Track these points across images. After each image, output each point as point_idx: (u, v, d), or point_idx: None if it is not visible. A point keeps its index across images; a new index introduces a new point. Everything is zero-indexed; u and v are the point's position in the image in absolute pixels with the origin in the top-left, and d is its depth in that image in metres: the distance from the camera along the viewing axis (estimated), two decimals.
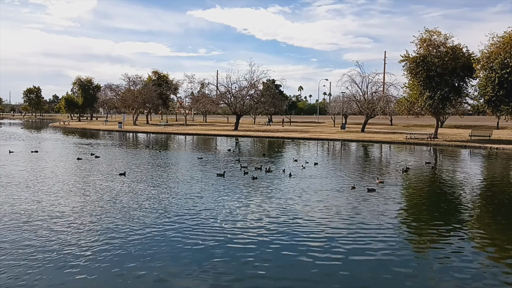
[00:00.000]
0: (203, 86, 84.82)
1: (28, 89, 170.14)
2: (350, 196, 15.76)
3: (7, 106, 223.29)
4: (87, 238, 10.13)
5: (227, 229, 11.16)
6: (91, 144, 41.11)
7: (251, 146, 42.34)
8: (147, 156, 29.62)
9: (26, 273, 8.03)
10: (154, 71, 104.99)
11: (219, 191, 16.22)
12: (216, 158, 28.78)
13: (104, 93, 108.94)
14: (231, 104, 70.70)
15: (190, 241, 10.06)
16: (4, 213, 12.35)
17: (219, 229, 11.10)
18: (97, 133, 63.86)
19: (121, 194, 15.46)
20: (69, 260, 8.72)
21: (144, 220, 11.84)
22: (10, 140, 44.62)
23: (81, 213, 12.50)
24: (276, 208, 13.55)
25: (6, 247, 9.43)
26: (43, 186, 16.87)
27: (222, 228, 11.20)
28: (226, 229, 11.12)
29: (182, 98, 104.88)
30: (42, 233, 10.48)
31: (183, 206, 13.66)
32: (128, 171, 21.30)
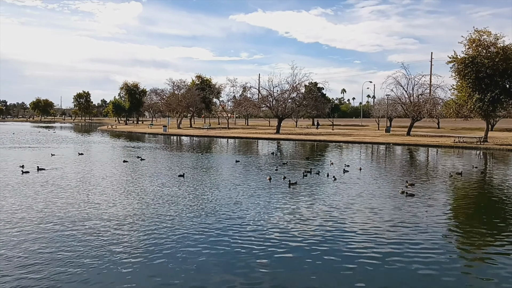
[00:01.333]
0: (245, 89, 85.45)
1: (78, 94, 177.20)
2: (395, 201, 15.32)
3: (58, 111, 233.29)
4: (136, 239, 10.33)
5: (271, 233, 11.08)
6: (137, 147, 42.21)
7: (293, 149, 42.12)
8: (190, 158, 30.06)
9: (78, 272, 8.27)
10: (198, 76, 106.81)
11: (267, 196, 16.19)
12: (258, 161, 28.80)
13: (149, 97, 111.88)
14: (273, 107, 70.68)
15: (236, 247, 10.04)
16: (58, 215, 12.81)
17: (266, 234, 11.02)
18: (142, 136, 65.54)
19: (166, 196, 15.72)
20: (118, 261, 8.91)
21: (193, 223, 11.95)
22: (62, 143, 46.55)
23: (126, 215, 12.79)
24: (318, 213, 13.36)
25: (61, 247, 9.76)
26: (90, 188, 17.43)
27: (268, 233, 11.13)
28: (270, 234, 11.04)
29: (225, 101, 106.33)
30: (99, 234, 10.80)
31: (230, 210, 13.69)
32: (169, 173, 21.69)
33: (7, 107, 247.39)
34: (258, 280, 8.10)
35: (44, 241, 10.09)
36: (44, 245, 9.79)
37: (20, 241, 10.10)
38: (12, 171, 21.71)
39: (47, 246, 9.73)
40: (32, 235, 10.55)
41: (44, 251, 9.39)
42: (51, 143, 45.80)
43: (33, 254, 9.17)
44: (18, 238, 10.29)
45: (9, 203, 14.12)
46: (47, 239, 10.25)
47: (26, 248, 9.56)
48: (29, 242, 10.03)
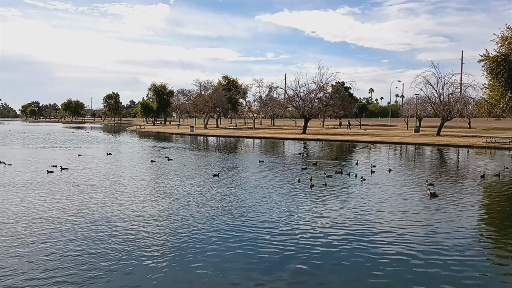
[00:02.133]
0: (271, 89, 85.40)
1: (107, 95, 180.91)
2: (424, 203, 15.01)
3: (89, 111, 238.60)
4: (163, 240, 10.44)
5: (301, 235, 11.01)
6: (165, 147, 42.74)
7: (320, 149, 41.83)
8: (216, 159, 30.23)
9: (104, 273, 8.39)
10: (224, 76, 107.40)
11: (295, 197, 16.13)
12: (284, 162, 28.72)
13: (177, 98, 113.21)
14: (300, 107, 70.36)
15: (266, 248, 10.02)
16: (88, 215, 13.08)
17: (296, 237, 10.96)
18: (170, 137, 66.33)
19: (192, 196, 15.83)
20: (147, 261, 9.01)
21: (220, 224, 12.00)
22: (93, 143, 47.59)
23: (152, 215, 12.94)
24: (347, 215, 13.21)
25: (87, 247, 9.95)
26: (118, 187, 17.71)
27: (298, 236, 11.06)
28: (300, 236, 10.97)
29: (251, 102, 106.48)
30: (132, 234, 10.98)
31: (258, 211, 13.68)
32: (195, 173, 21.87)
33: (39, 108, 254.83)
34: (287, 282, 8.05)
35: (68, 241, 10.21)
36: (69, 245, 9.93)
37: (44, 240, 10.29)
38: (39, 171, 22.23)
39: (71, 246, 9.86)
40: (56, 235, 10.76)
41: (69, 251, 9.51)
42: (82, 143, 46.87)
43: (58, 254, 9.32)
44: (40, 238, 10.50)
45: (29, 202, 14.49)
46: (71, 240, 10.39)
47: (51, 248, 9.73)
48: (53, 242, 10.23)
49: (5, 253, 9.22)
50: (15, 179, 19.38)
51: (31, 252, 9.32)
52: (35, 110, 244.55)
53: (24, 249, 9.53)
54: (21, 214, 12.63)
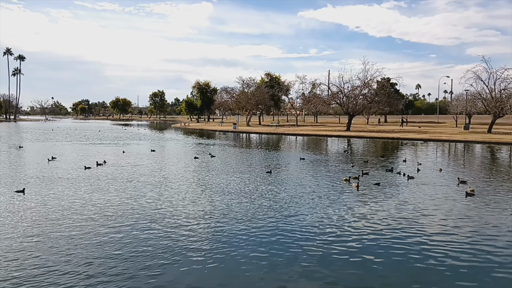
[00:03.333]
0: (314, 86, 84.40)
1: (153, 93, 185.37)
2: (472, 203, 14.23)
3: (135, 109, 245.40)
4: (204, 236, 10.39)
5: (343, 235, 10.67)
6: (208, 144, 43.14)
7: (364, 147, 40.90)
8: (258, 155, 30.13)
9: (147, 270, 8.40)
10: (267, 73, 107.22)
11: (338, 195, 15.76)
12: (328, 159, 28.24)
13: (220, 95, 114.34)
14: (343, 104, 69.15)
15: (309, 249, 9.78)
16: (135, 212, 13.26)
17: (338, 236, 10.65)
18: (213, 134, 66.99)
19: (234, 193, 15.76)
20: (189, 259, 8.97)
21: (262, 222, 11.84)
22: (141, 140, 48.77)
23: (191, 212, 12.94)
24: (392, 215, 12.71)
25: (130, 245, 10.04)
26: (160, 183, 17.91)
27: (340, 235, 10.74)
28: (342, 235, 10.64)
29: (294, 99, 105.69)
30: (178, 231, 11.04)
31: (302, 211, 13.44)
32: (237, 170, 21.84)
33: (89, 106, 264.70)
34: (328, 282, 7.78)
35: (108, 239, 10.31)
36: (109, 243, 10.02)
37: (86, 238, 10.47)
38: (79, 167, 22.88)
39: (111, 244, 9.95)
40: (96, 231, 10.93)
41: (109, 249, 9.60)
42: (129, 140, 48.14)
43: (100, 250, 9.42)
44: (80, 235, 10.67)
45: (68, 197, 14.85)
46: (110, 237, 10.49)
47: (93, 244, 9.85)
48: (95, 238, 10.39)
49: (51, 249, 9.43)
50: (59, 173, 20.04)
51: (71, 250, 9.47)
52: (85, 108, 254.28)
53: (67, 245, 9.71)
54: (61, 209, 12.96)
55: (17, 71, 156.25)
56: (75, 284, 7.47)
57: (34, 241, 9.76)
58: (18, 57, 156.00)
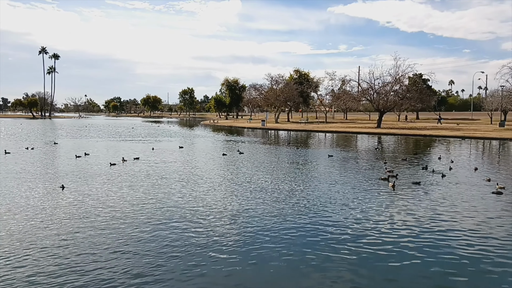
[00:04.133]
0: (344, 82, 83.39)
1: (183, 91, 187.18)
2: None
3: (166, 106, 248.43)
4: (233, 235, 10.30)
5: (373, 235, 10.39)
6: (236, 140, 43.17)
7: (396, 144, 40.03)
8: (286, 153, 29.90)
9: (175, 268, 8.37)
10: (296, 70, 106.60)
11: (369, 195, 15.42)
12: (357, 157, 27.75)
13: (248, 92, 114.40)
14: (374, 100, 68.01)
15: (334, 250, 9.56)
16: (167, 210, 13.31)
17: (368, 237, 10.38)
18: (242, 131, 67.07)
19: (261, 190, 15.64)
20: (217, 258, 8.89)
21: (289, 222, 11.67)
22: (172, 136, 49.32)
23: (222, 207, 12.88)
24: (425, 215, 12.30)
25: (158, 242, 10.04)
26: (186, 180, 17.95)
27: (370, 236, 10.46)
28: (372, 236, 10.36)
29: (323, 95, 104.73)
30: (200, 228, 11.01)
31: (329, 209, 13.20)
32: (266, 166, 21.70)
33: (121, 103, 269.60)
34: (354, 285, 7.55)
35: (135, 235, 10.35)
36: (135, 238, 10.06)
37: (113, 232, 10.51)
38: (105, 163, 23.19)
39: (138, 239, 9.99)
40: (124, 228, 10.98)
41: (136, 244, 9.63)
42: (160, 136, 48.71)
43: (130, 246, 9.46)
44: (109, 231, 10.76)
45: (95, 193, 15.01)
46: (138, 233, 10.53)
47: (125, 241, 9.91)
48: (125, 234, 10.43)
49: (83, 244, 9.53)
50: (90, 168, 20.38)
51: (100, 245, 9.55)
52: (117, 105, 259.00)
53: (96, 241, 9.80)
54: (96, 205, 13.13)
55: (52, 69, 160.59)
56: (110, 277, 7.51)
57: (71, 237, 9.90)
58: (53, 56, 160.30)
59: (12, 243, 9.32)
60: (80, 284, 7.29)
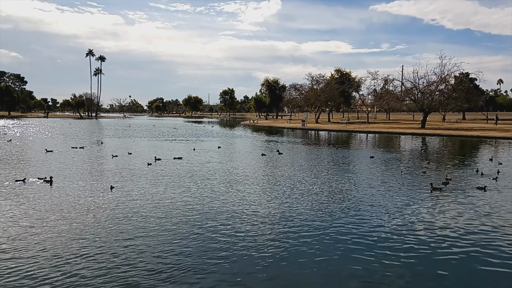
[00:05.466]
0: (387, 82, 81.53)
1: (223, 91, 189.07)
2: None
3: (206, 107, 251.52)
4: (268, 236, 10.25)
5: (411, 240, 10.06)
6: (276, 141, 43.08)
7: (441, 146, 38.72)
8: (327, 153, 29.52)
9: (212, 269, 8.40)
10: (337, 69, 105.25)
11: (409, 198, 14.99)
12: (400, 158, 27.02)
13: (289, 92, 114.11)
14: (418, 100, 66.13)
15: (372, 255, 9.32)
16: (202, 209, 13.43)
17: (406, 241, 10.07)
18: (281, 131, 66.91)
19: (298, 192, 15.50)
20: (252, 259, 8.86)
21: (326, 224, 11.50)
22: (211, 136, 49.89)
23: (259, 208, 12.83)
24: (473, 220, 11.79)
25: (195, 241, 10.12)
26: (230, 181, 18.01)
27: (408, 240, 10.14)
28: (411, 241, 10.03)
29: (365, 95, 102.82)
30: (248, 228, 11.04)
31: (367, 211, 12.91)
32: (305, 167, 21.50)
33: (163, 103, 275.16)
34: None
35: (176, 234, 10.46)
36: (169, 239, 10.16)
37: (155, 233, 10.67)
38: (143, 163, 23.62)
39: (172, 240, 10.07)
40: (164, 227, 11.10)
41: (171, 245, 9.72)
42: (202, 136, 49.36)
43: (167, 246, 9.55)
44: (152, 230, 10.90)
45: (137, 191, 15.27)
46: (171, 234, 10.62)
47: (163, 240, 10.02)
48: (161, 232, 10.55)
49: (121, 243, 9.73)
50: (131, 168, 20.86)
51: (133, 245, 9.70)
52: (160, 106, 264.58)
53: (128, 241, 9.98)
54: (139, 204, 13.40)
55: (98, 71, 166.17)
56: (149, 276, 7.64)
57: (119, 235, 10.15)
58: (99, 58, 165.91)
59: (62, 241, 9.64)
60: (125, 283, 7.43)
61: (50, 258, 8.42)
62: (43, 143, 35.32)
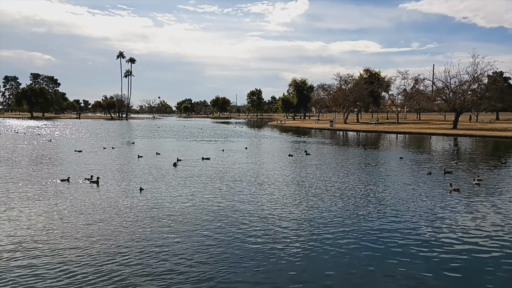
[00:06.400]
0: (417, 82, 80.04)
1: (251, 92, 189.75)
2: None
3: (234, 107, 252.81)
4: (298, 236, 10.24)
5: (441, 243, 9.86)
6: (303, 141, 42.91)
7: (473, 147, 37.73)
8: (355, 154, 29.20)
9: (242, 270, 8.46)
10: (366, 69, 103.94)
11: (439, 201, 14.70)
12: (430, 159, 26.49)
13: (316, 93, 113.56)
14: (450, 100, 64.65)
15: (401, 255, 9.19)
16: (231, 210, 13.52)
17: (436, 244, 9.89)
18: (309, 131, 66.60)
19: (327, 193, 15.40)
20: (281, 257, 8.88)
21: (356, 225, 11.41)
22: (239, 137, 50.14)
23: (287, 209, 12.82)
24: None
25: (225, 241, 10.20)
26: (258, 182, 18.06)
27: (438, 243, 9.95)
28: (440, 243, 9.84)
29: (394, 95, 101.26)
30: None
31: (400, 214, 12.73)
32: (333, 168, 21.34)
33: (191, 104, 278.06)
34: None
35: (200, 236, 10.54)
36: (200, 240, 10.23)
37: (188, 234, 10.80)
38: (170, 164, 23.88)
39: (203, 241, 10.15)
40: (192, 228, 11.21)
41: (202, 245, 9.80)
42: (230, 137, 49.65)
43: (199, 248, 9.64)
44: (184, 231, 11.03)
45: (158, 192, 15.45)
46: (202, 234, 10.71)
47: (195, 242, 10.13)
48: (196, 235, 10.67)
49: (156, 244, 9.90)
50: (163, 168, 21.16)
51: (163, 246, 9.84)
52: (188, 107, 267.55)
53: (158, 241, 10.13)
54: (168, 206, 13.60)
55: (129, 73, 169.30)
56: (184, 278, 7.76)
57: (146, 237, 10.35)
58: (129, 60, 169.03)
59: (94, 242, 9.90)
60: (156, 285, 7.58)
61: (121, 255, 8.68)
62: (79, 143, 36.27)
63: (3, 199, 13.60)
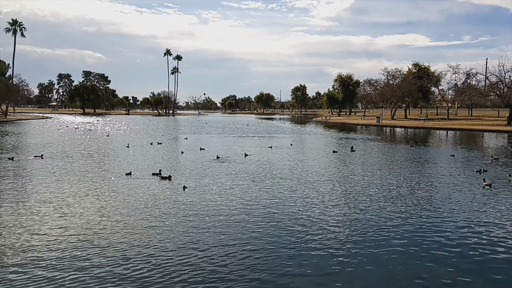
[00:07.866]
0: (469, 76, 76.95)
1: (295, 88, 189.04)
2: None
3: (278, 103, 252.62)
4: (333, 234, 10.22)
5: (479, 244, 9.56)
6: (349, 138, 42.39)
7: None
8: (403, 151, 28.50)
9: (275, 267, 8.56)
10: (415, 64, 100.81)
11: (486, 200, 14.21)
12: (485, 157, 25.51)
13: (363, 88, 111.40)
14: (504, 95, 61.71)
15: (438, 254, 8.99)
16: (275, 208, 13.65)
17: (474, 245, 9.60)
18: (355, 127, 65.66)
19: (368, 190, 15.22)
20: (320, 255, 8.90)
21: (393, 223, 11.25)
22: (283, 133, 50.23)
23: (328, 206, 12.78)
24: None
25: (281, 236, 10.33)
26: (304, 178, 18.07)
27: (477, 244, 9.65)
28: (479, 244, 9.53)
29: (445, 90, 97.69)
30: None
31: (447, 215, 12.43)
32: (379, 165, 20.98)
33: (236, 101, 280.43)
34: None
35: (237, 233, 10.69)
36: (236, 237, 10.38)
37: (216, 231, 10.96)
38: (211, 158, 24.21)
39: (239, 237, 10.28)
40: (232, 226, 11.39)
41: (239, 242, 9.94)
42: (274, 133, 49.86)
43: (223, 245, 9.82)
44: (211, 226, 11.21)
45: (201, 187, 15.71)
46: (239, 231, 10.86)
47: (223, 238, 10.31)
48: (225, 231, 10.84)
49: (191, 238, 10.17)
50: (202, 163, 21.58)
51: (201, 240, 10.07)
52: (232, 103, 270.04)
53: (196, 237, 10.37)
54: (210, 202, 13.89)
55: (175, 70, 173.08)
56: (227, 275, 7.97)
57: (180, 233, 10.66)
58: (176, 57, 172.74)
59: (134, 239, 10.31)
60: (196, 280, 7.82)
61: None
62: (133, 138, 37.59)
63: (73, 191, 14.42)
